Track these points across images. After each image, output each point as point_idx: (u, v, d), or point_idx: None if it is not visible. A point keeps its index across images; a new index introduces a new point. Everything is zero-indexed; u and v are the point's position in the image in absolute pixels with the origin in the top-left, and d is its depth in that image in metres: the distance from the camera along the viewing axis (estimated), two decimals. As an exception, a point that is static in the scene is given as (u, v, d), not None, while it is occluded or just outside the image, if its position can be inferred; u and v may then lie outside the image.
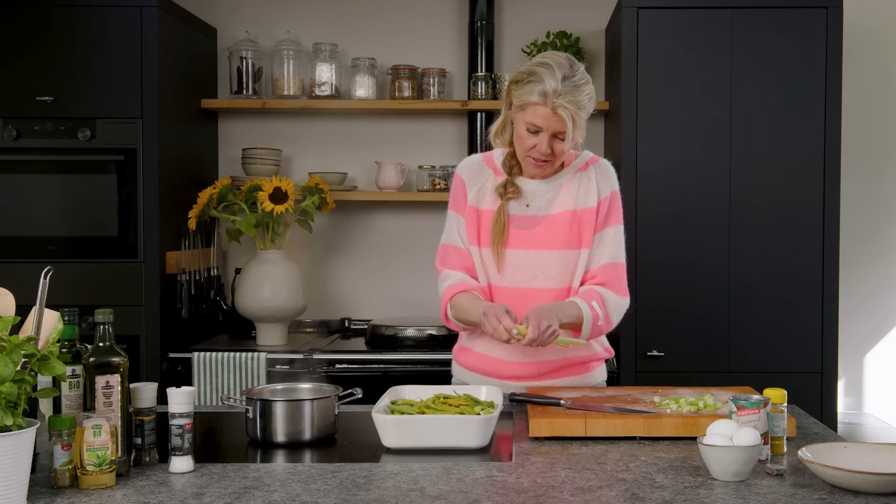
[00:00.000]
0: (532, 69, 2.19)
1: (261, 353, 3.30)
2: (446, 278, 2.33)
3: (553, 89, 2.14)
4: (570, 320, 2.20)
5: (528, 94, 2.17)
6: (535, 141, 2.20)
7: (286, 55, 3.76)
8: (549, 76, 2.15)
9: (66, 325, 1.73)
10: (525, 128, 2.20)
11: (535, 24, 3.87)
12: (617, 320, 2.31)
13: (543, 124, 2.17)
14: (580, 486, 1.63)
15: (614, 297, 2.29)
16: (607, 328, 2.29)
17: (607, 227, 2.31)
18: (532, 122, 2.18)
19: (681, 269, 3.30)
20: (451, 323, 2.34)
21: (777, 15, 3.28)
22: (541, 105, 2.16)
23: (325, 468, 1.76)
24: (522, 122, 2.21)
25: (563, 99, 2.14)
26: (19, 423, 1.51)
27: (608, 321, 2.27)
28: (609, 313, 2.26)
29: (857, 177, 3.81)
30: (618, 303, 2.30)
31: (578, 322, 2.21)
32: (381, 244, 3.96)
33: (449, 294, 2.30)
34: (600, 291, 2.26)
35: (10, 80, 3.30)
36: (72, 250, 3.31)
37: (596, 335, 2.28)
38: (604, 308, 2.24)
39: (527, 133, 2.21)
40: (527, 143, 2.21)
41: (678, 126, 3.30)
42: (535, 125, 2.18)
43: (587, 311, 2.21)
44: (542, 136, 2.19)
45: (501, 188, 2.31)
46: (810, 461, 1.62)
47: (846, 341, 3.72)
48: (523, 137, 2.22)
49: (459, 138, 3.93)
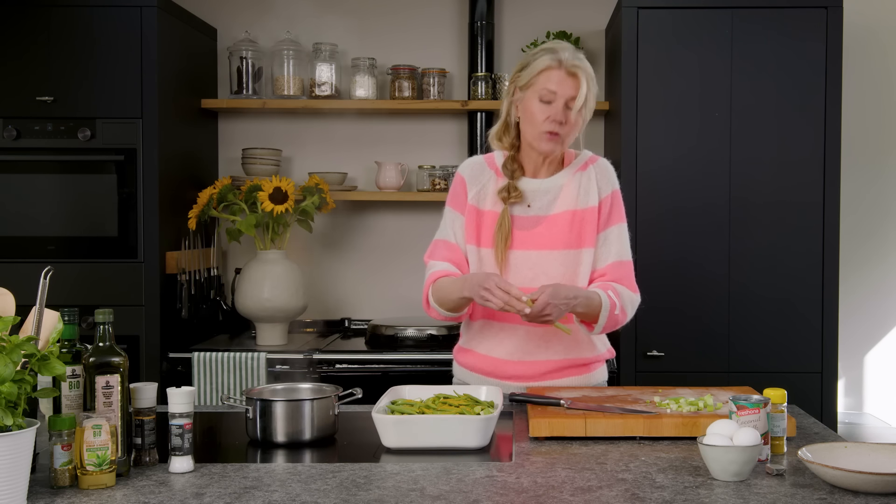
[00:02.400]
0: (541, 48, 2.28)
1: (261, 353, 3.30)
2: (430, 268, 2.34)
3: (566, 56, 2.22)
4: (590, 304, 2.20)
5: (539, 63, 2.23)
6: (549, 111, 2.22)
7: (286, 55, 3.76)
8: (561, 49, 2.25)
9: (66, 325, 1.73)
10: (539, 97, 2.22)
11: (535, 24, 3.87)
12: (631, 314, 2.32)
13: (558, 88, 2.21)
14: (580, 486, 1.63)
15: (627, 291, 2.30)
16: (623, 319, 2.29)
17: (611, 226, 2.32)
18: (546, 87, 2.21)
19: (681, 270, 3.30)
20: (432, 310, 2.32)
21: (777, 15, 3.28)
22: (555, 69, 2.21)
23: (325, 468, 1.76)
24: (535, 95, 2.23)
25: (576, 61, 2.22)
26: (19, 423, 1.51)
27: (623, 312, 2.28)
28: (624, 305, 2.27)
29: (856, 176, 3.81)
30: (631, 297, 2.31)
31: (597, 308, 2.22)
32: (381, 244, 3.96)
33: (431, 279, 2.30)
34: (613, 285, 2.28)
35: (10, 80, 3.30)
36: (72, 250, 3.31)
37: (612, 326, 2.28)
38: (619, 299, 2.26)
39: (539, 106, 2.22)
40: (539, 116, 2.22)
41: (678, 126, 3.30)
42: (550, 90, 2.21)
43: (605, 299, 2.22)
44: (557, 104, 2.22)
45: (504, 192, 2.31)
46: (810, 461, 1.62)
47: (846, 341, 3.72)
48: (535, 112, 2.23)
49: (459, 138, 3.93)
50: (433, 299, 2.30)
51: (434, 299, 2.30)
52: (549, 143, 2.25)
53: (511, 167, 2.33)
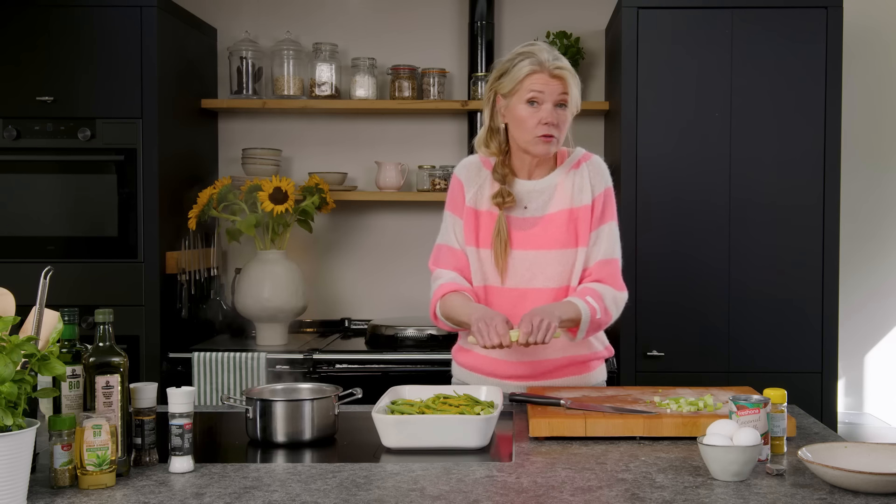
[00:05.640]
0: (516, 53, 2.25)
1: (261, 353, 3.29)
2: (438, 277, 2.34)
3: (546, 58, 2.21)
4: (570, 316, 2.20)
5: (520, 71, 2.21)
6: (540, 114, 2.21)
7: (286, 55, 3.76)
8: (537, 51, 2.23)
9: (66, 325, 1.73)
10: (526, 101, 2.21)
11: (535, 24, 3.87)
12: (616, 313, 2.31)
13: (544, 89, 2.20)
14: (580, 486, 1.63)
15: (611, 290, 2.29)
16: (607, 321, 2.28)
17: (603, 225, 2.32)
18: (532, 89, 2.20)
19: (681, 270, 3.30)
20: (440, 322, 2.34)
21: (777, 15, 3.28)
22: (538, 72, 2.20)
23: (325, 468, 1.76)
24: (521, 100, 2.22)
25: (558, 62, 2.21)
26: (19, 423, 1.51)
27: (607, 314, 2.27)
28: (607, 307, 2.26)
29: (857, 176, 3.81)
30: (616, 296, 2.30)
31: (577, 318, 2.22)
32: (381, 244, 3.96)
33: (440, 293, 2.31)
34: (594, 287, 2.27)
35: (10, 80, 3.30)
36: (72, 250, 3.31)
37: (596, 329, 2.28)
38: (601, 302, 2.25)
39: (529, 110, 2.21)
40: (530, 120, 2.22)
41: (678, 126, 3.30)
42: (537, 91, 2.20)
43: (584, 306, 2.22)
44: (546, 105, 2.21)
45: (498, 198, 2.30)
46: (810, 461, 1.62)
47: (846, 341, 3.72)
48: (525, 117, 2.22)
49: (459, 138, 3.93)
50: (441, 314, 2.32)
51: (442, 314, 2.31)
52: (544, 145, 2.25)
53: (501, 171, 2.32)
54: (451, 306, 2.28)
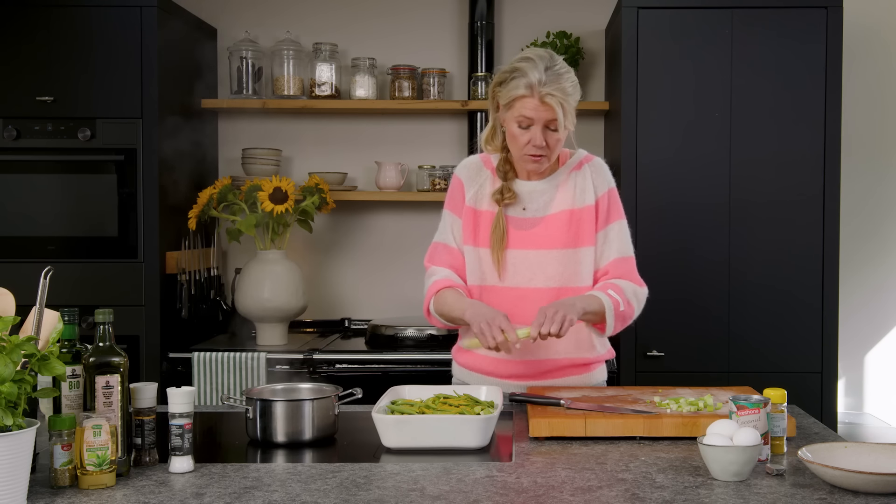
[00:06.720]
0: (514, 66, 2.22)
1: (261, 353, 3.29)
2: (432, 274, 2.35)
3: (538, 80, 2.16)
4: (593, 308, 2.21)
5: (513, 90, 2.19)
6: (529, 135, 2.21)
7: (286, 55, 3.76)
8: (531, 69, 2.18)
9: (66, 325, 1.73)
10: (517, 124, 2.21)
11: (535, 24, 3.87)
12: (638, 307, 2.32)
13: (534, 115, 2.18)
14: (580, 486, 1.63)
15: (631, 284, 2.30)
16: (631, 313, 2.29)
17: (611, 224, 2.32)
18: (522, 114, 2.19)
19: (681, 271, 3.30)
20: (433, 318, 2.34)
21: (777, 15, 3.28)
22: (528, 97, 2.17)
23: (325, 468, 1.76)
24: (513, 119, 2.22)
25: (548, 87, 2.17)
26: (19, 423, 1.51)
27: (629, 306, 2.27)
28: (629, 299, 2.27)
29: (857, 176, 3.81)
30: (636, 290, 2.31)
31: (600, 311, 2.22)
32: (381, 244, 3.96)
33: (434, 289, 2.31)
34: (614, 282, 2.28)
35: (10, 80, 3.30)
36: (72, 250, 3.31)
37: (622, 323, 2.28)
38: (622, 294, 2.25)
39: (519, 130, 2.21)
40: (521, 139, 2.22)
41: (678, 126, 3.30)
42: (526, 117, 2.19)
43: (606, 298, 2.23)
44: (535, 128, 2.20)
45: (498, 194, 2.31)
46: (810, 461, 1.62)
47: (846, 341, 3.72)
48: (516, 136, 2.22)
49: (459, 138, 3.93)
50: (434, 310, 2.32)
51: (435, 310, 2.32)
52: (534, 163, 2.26)
53: (504, 168, 2.33)
54: (444, 302, 2.29)
